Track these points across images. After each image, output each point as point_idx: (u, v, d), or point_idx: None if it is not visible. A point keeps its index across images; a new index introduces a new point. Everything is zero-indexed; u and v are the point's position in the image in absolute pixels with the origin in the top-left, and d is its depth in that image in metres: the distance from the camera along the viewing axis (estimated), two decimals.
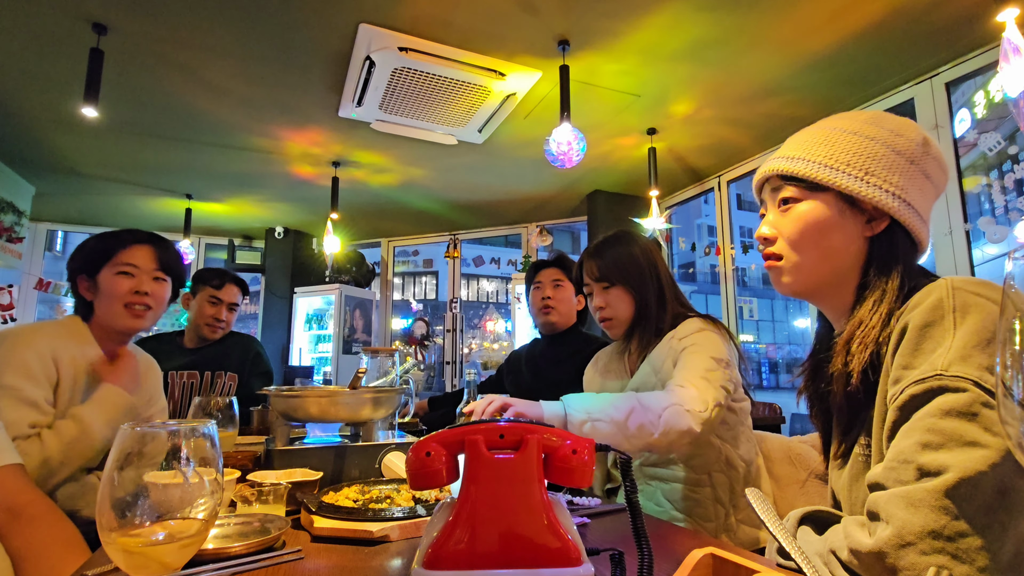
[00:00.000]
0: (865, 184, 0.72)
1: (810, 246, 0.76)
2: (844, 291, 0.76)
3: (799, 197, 0.77)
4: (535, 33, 2.54)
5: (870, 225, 0.74)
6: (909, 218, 0.73)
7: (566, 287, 2.02)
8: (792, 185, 0.77)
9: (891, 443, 0.62)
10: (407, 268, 12.24)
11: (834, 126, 0.78)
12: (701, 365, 1.17)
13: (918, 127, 0.77)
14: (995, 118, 2.75)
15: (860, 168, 0.73)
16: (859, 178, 0.73)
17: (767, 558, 0.69)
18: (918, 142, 0.75)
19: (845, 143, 0.75)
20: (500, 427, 0.56)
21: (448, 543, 0.51)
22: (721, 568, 0.54)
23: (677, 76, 2.92)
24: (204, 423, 0.51)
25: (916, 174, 0.74)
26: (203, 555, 0.70)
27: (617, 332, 1.42)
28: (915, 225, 0.73)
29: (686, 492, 1.25)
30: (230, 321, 2.24)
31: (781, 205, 0.79)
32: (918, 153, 0.74)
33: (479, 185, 4.57)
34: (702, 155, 3.97)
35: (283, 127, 3.49)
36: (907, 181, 0.73)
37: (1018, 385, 0.31)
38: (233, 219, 5.47)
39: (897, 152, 0.74)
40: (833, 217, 0.74)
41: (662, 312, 1.36)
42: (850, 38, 2.57)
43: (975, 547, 0.53)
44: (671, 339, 1.28)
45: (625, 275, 1.37)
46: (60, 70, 2.79)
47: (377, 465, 1.12)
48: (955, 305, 0.61)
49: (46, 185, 4.44)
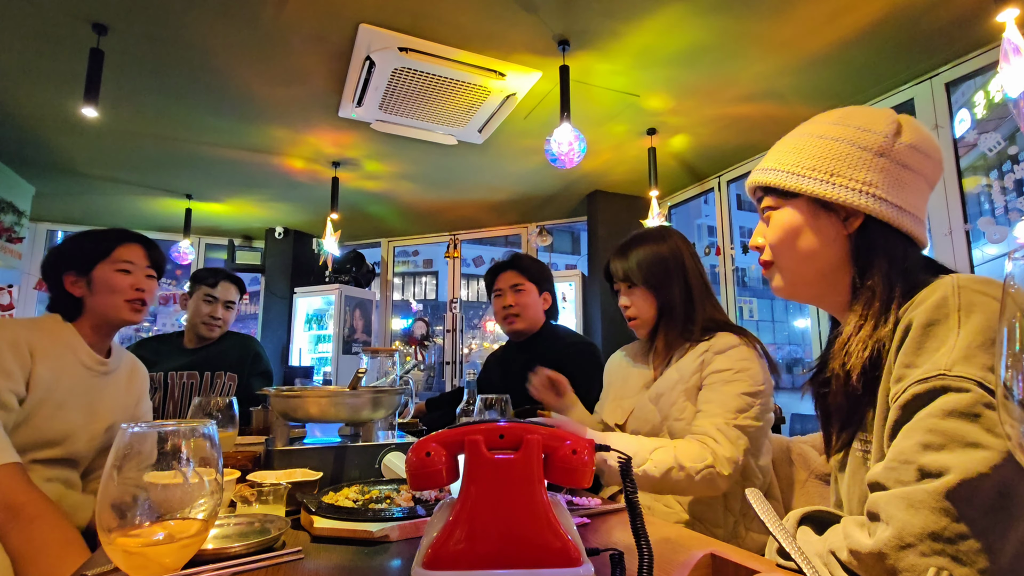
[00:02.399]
0: (831, 186, 0.74)
1: (790, 250, 0.78)
2: (837, 289, 0.77)
3: (775, 206, 0.80)
4: (535, 33, 2.55)
5: (846, 224, 0.75)
6: (884, 211, 0.72)
7: (527, 289, 1.93)
8: (769, 195, 0.81)
9: (892, 442, 0.62)
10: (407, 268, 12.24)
11: (803, 131, 0.80)
12: (733, 405, 1.14)
13: (889, 118, 0.75)
14: (995, 118, 2.75)
15: (824, 171, 0.75)
16: (824, 181, 0.74)
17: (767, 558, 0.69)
18: (886, 133, 0.74)
19: (811, 148, 0.77)
20: (500, 427, 0.56)
21: (448, 543, 0.51)
22: (721, 568, 0.55)
23: (677, 76, 2.92)
24: (204, 423, 0.51)
25: (888, 166, 0.73)
26: (203, 555, 0.70)
27: (642, 332, 1.39)
28: (893, 217, 0.72)
29: (697, 496, 1.24)
30: (227, 319, 2.24)
31: (763, 214, 0.83)
32: (886, 145, 0.73)
33: (479, 185, 4.57)
34: (702, 155, 3.98)
35: (283, 127, 3.49)
36: (877, 175, 0.73)
37: (1018, 385, 0.31)
38: (233, 219, 5.47)
39: (862, 148, 0.74)
40: (807, 221, 0.77)
41: (690, 315, 1.31)
42: (849, 39, 2.57)
43: (975, 549, 0.53)
44: (703, 351, 1.24)
45: (647, 276, 1.33)
46: (60, 70, 2.79)
47: (377, 465, 1.12)
48: (960, 304, 0.61)
49: (46, 185, 4.43)
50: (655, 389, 1.31)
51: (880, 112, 0.76)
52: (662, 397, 1.27)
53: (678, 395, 1.24)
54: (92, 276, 1.34)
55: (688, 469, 1.07)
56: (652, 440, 1.15)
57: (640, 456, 1.10)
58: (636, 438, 1.16)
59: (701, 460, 1.08)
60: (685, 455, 1.09)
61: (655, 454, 1.10)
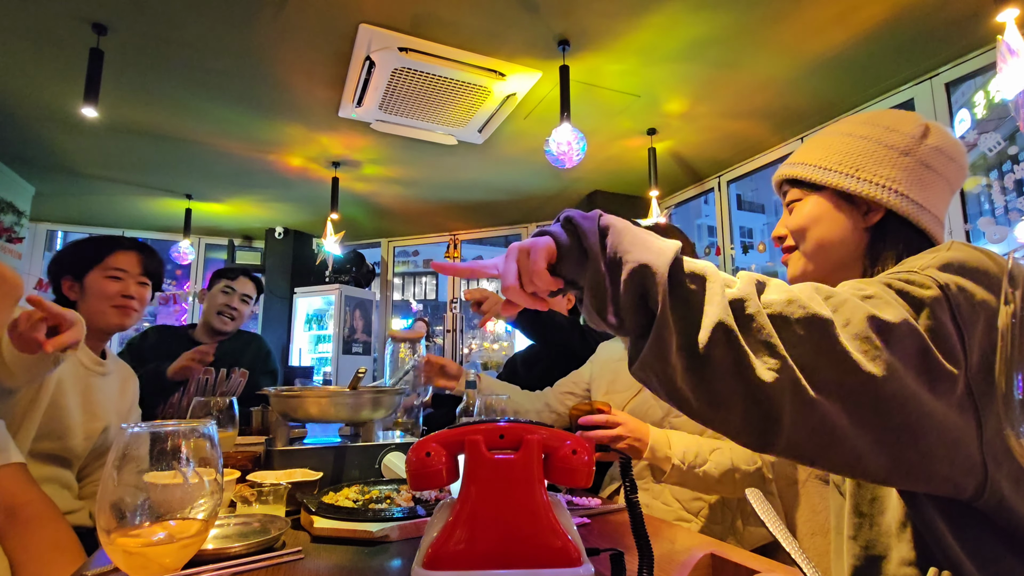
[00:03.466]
0: (855, 180, 0.77)
1: (811, 238, 0.81)
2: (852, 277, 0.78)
3: (801, 197, 0.83)
4: (535, 33, 2.54)
5: (867, 217, 0.78)
6: (904, 206, 0.74)
7: None
8: (795, 188, 0.84)
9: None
10: (407, 268, 12.23)
11: (833, 130, 0.84)
12: None
13: (917, 121, 0.78)
14: (995, 118, 2.75)
15: (850, 166, 0.78)
16: (849, 175, 0.77)
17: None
18: (913, 135, 0.76)
19: (839, 145, 0.80)
20: (500, 427, 0.56)
21: (448, 543, 0.51)
22: (721, 568, 0.55)
23: (677, 76, 2.92)
24: (204, 423, 0.51)
25: (912, 165, 0.76)
26: (203, 555, 0.70)
27: None
28: (913, 213, 0.74)
29: (695, 494, 1.25)
30: (242, 312, 2.27)
31: (788, 207, 0.86)
32: (912, 144, 0.76)
33: (479, 185, 4.57)
34: (702, 155, 3.97)
35: (283, 127, 3.49)
36: (900, 172, 0.75)
37: (1018, 386, 0.31)
38: (233, 219, 5.47)
39: (888, 147, 0.77)
40: (830, 212, 0.80)
41: None
42: (850, 39, 2.57)
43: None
44: None
45: None
46: (60, 70, 2.79)
47: (377, 465, 1.12)
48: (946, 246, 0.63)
49: (46, 185, 4.43)
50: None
51: (908, 115, 0.79)
52: None
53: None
54: (85, 281, 1.39)
55: (743, 471, 1.12)
56: (708, 440, 1.18)
57: (701, 457, 1.14)
58: (694, 438, 1.18)
59: (752, 463, 1.13)
60: (739, 457, 1.14)
61: (714, 455, 1.14)
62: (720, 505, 1.23)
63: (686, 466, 1.11)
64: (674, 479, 1.13)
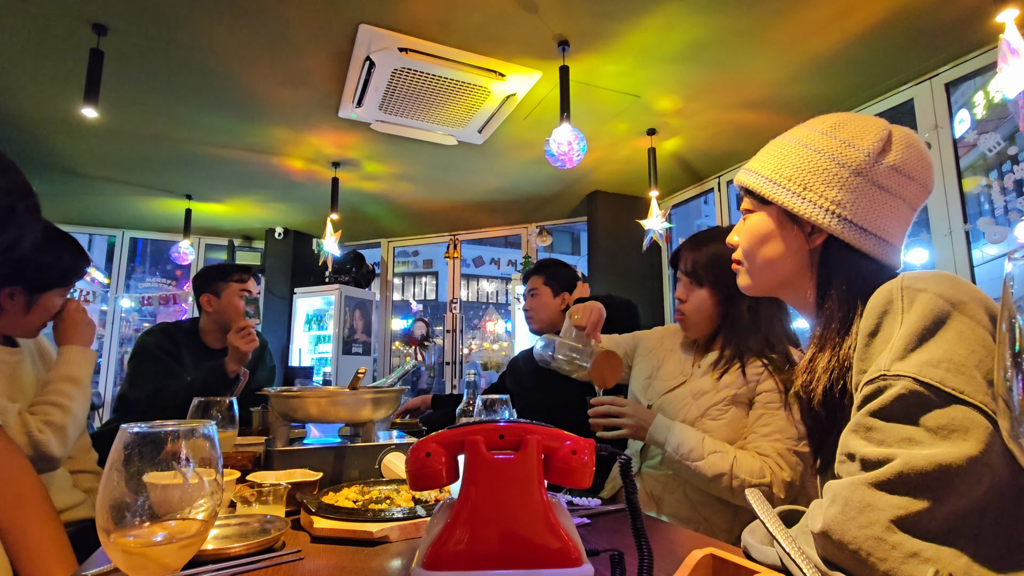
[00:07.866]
0: (800, 200, 0.74)
1: (755, 254, 0.81)
2: (800, 292, 0.80)
3: (752, 209, 0.82)
4: (535, 34, 2.55)
5: (810, 238, 0.76)
6: (845, 232, 0.72)
7: (540, 293, 2.09)
8: (748, 197, 0.83)
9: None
10: (407, 268, 12.23)
11: (792, 137, 0.80)
12: (793, 432, 1.16)
13: (877, 135, 0.73)
14: (995, 119, 2.75)
15: (799, 183, 0.75)
16: (796, 193, 0.74)
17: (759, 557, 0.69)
18: (870, 152, 0.72)
19: (792, 157, 0.77)
20: (500, 427, 0.56)
21: (448, 544, 0.51)
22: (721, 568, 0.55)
23: (677, 77, 2.92)
24: (204, 423, 0.51)
25: (863, 186, 0.72)
26: (203, 556, 0.70)
27: (690, 332, 1.36)
28: (855, 239, 0.72)
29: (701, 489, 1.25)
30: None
31: (742, 215, 0.85)
32: (866, 164, 0.72)
33: (479, 185, 4.57)
34: (702, 155, 3.98)
35: (283, 127, 3.49)
36: (848, 195, 0.72)
37: (1018, 385, 0.31)
38: (233, 219, 5.47)
39: (841, 164, 0.73)
40: (774, 230, 0.79)
41: (753, 330, 1.25)
42: (850, 39, 2.57)
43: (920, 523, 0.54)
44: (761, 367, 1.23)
45: (716, 278, 1.27)
46: (60, 71, 2.79)
47: (377, 466, 1.12)
48: (903, 307, 0.62)
49: (46, 185, 4.43)
50: (697, 385, 1.29)
51: (872, 127, 0.74)
52: (705, 395, 1.26)
53: (722, 398, 1.24)
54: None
55: (742, 480, 1.12)
56: (715, 442, 1.19)
57: (696, 453, 1.16)
58: (699, 436, 1.20)
59: (759, 476, 1.13)
60: (743, 467, 1.14)
61: (712, 457, 1.15)
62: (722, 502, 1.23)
63: (678, 455, 1.17)
64: (670, 465, 1.21)
